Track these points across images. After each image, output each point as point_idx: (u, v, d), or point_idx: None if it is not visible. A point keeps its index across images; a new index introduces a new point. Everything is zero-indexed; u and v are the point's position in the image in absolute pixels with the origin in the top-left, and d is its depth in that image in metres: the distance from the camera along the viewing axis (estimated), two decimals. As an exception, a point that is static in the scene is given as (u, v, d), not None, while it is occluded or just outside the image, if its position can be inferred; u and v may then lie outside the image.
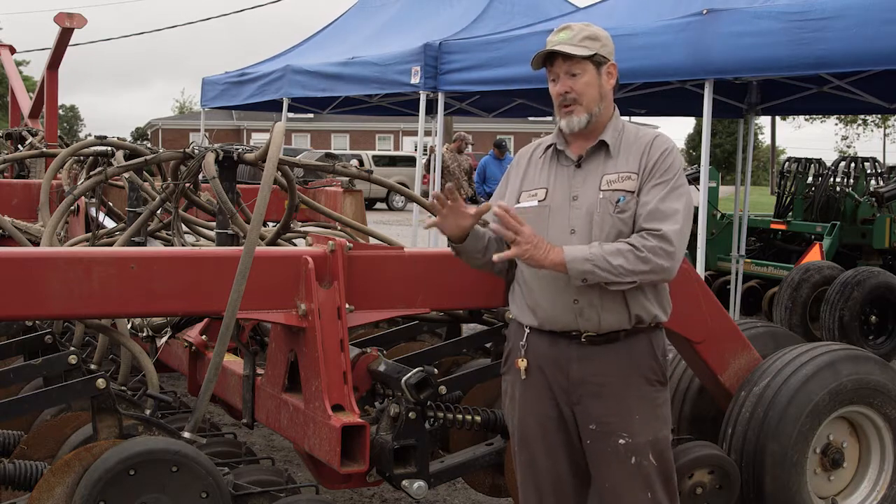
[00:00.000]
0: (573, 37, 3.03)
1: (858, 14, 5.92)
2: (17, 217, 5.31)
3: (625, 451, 3.00)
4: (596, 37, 3.05)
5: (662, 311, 3.09)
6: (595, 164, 3.04)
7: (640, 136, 3.06)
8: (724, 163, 47.92)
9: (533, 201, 3.07)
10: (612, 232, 2.94)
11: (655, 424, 3.04)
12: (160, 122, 57.56)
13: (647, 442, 3.01)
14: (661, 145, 3.02)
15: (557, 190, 3.05)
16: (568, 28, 3.07)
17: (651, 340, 3.05)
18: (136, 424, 3.39)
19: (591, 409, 3.02)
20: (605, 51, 3.05)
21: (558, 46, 3.02)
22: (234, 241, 4.21)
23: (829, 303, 8.77)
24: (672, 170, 2.98)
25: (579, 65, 3.01)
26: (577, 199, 3.00)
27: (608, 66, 3.06)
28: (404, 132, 52.62)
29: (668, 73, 7.44)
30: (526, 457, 3.16)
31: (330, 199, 6.47)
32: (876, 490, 4.32)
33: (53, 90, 8.60)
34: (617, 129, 3.08)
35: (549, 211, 3.03)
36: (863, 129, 50.64)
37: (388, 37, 11.32)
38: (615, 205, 2.95)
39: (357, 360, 3.70)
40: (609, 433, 3.00)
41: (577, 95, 3.02)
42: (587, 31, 3.05)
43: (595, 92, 3.03)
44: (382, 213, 27.57)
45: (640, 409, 3.01)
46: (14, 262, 3.24)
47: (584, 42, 3.02)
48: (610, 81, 3.07)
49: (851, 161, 12.01)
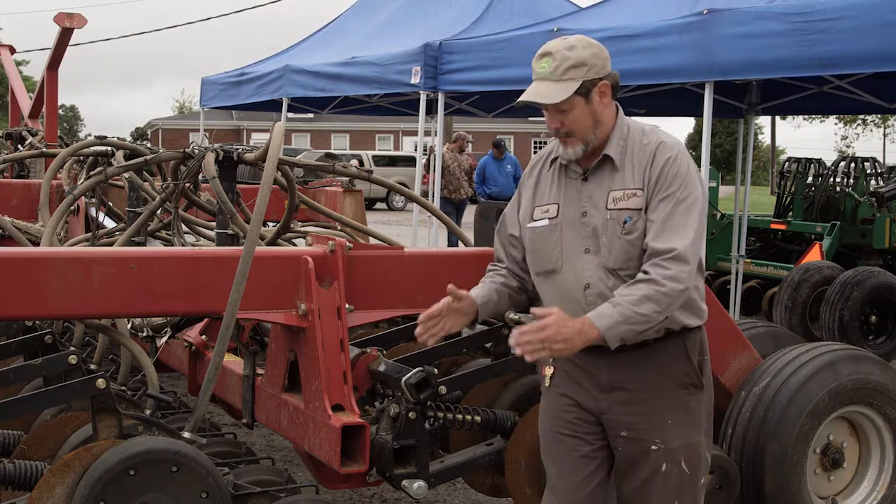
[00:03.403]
0: (555, 69, 2.85)
1: (861, 14, 5.91)
2: (17, 217, 5.31)
3: (656, 458, 2.93)
4: (580, 62, 2.85)
5: (693, 316, 2.96)
6: (601, 178, 2.93)
7: (644, 143, 2.92)
8: (724, 163, 47.95)
9: (545, 219, 2.98)
10: (620, 254, 2.85)
11: (688, 430, 2.96)
12: (160, 122, 57.57)
13: (680, 447, 2.94)
14: (665, 153, 2.88)
15: (568, 206, 2.96)
16: (549, 56, 2.87)
17: (685, 343, 2.95)
18: (136, 424, 3.39)
19: (621, 417, 2.95)
20: (594, 72, 2.87)
21: (539, 92, 2.87)
22: (234, 241, 4.20)
23: (829, 303, 8.77)
24: (678, 178, 2.84)
25: (565, 101, 2.87)
26: (587, 216, 2.91)
27: (600, 87, 2.88)
28: (404, 132, 52.63)
29: (669, 75, 7.43)
30: (548, 464, 3.11)
31: (330, 199, 6.46)
32: (876, 490, 4.32)
33: (53, 90, 8.60)
34: (622, 137, 2.93)
35: (560, 229, 2.95)
36: (863, 129, 50.63)
37: (387, 37, 11.32)
38: (622, 226, 2.85)
39: (357, 360, 3.70)
40: (641, 440, 2.94)
41: (569, 130, 2.91)
42: (570, 58, 2.85)
43: (588, 121, 2.89)
44: (382, 213, 27.57)
45: (673, 415, 2.93)
46: (14, 262, 3.24)
47: (568, 73, 2.85)
48: (604, 100, 2.90)
49: (851, 161, 12.01)
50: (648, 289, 2.74)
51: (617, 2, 8.55)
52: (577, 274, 2.92)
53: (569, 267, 2.94)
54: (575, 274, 2.92)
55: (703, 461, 3.03)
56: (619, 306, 2.73)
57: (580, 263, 2.91)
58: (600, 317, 2.73)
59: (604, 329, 2.72)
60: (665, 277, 2.74)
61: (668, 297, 2.75)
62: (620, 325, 2.72)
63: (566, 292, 2.94)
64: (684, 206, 2.82)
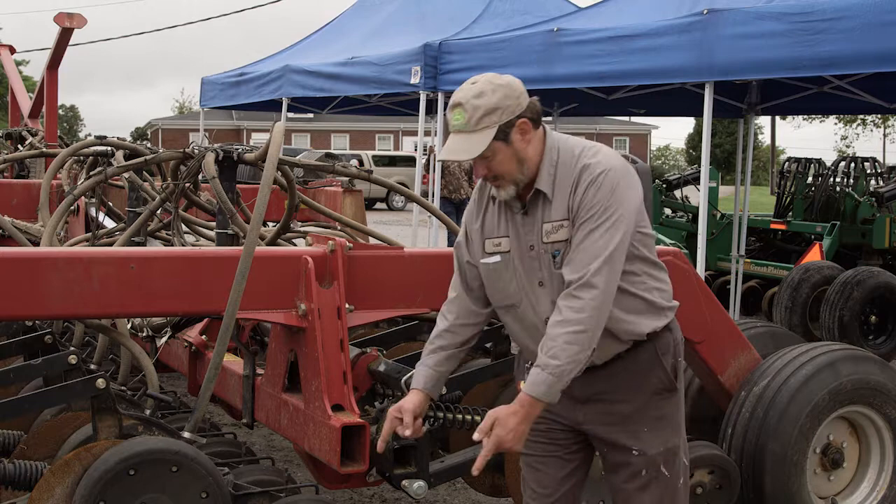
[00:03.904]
0: (468, 121, 2.77)
1: (861, 15, 5.91)
2: (17, 217, 5.32)
3: (637, 464, 2.94)
4: (491, 109, 2.76)
5: (656, 317, 2.94)
6: (536, 211, 2.88)
7: (571, 167, 2.83)
8: (724, 163, 47.94)
9: (497, 255, 2.94)
10: (559, 288, 2.81)
11: (665, 434, 2.97)
12: (160, 122, 57.57)
13: (659, 454, 2.95)
14: (586, 179, 2.79)
15: (515, 239, 2.92)
16: (460, 107, 2.79)
17: (656, 348, 2.94)
18: (136, 424, 3.40)
19: (598, 428, 2.96)
20: (508, 113, 2.78)
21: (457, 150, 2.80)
22: (234, 241, 4.21)
23: (829, 303, 8.77)
24: (598, 203, 2.76)
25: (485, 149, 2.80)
26: (533, 250, 2.88)
27: (518, 126, 2.79)
28: (404, 132, 52.62)
29: (669, 75, 7.43)
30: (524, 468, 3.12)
31: (330, 199, 6.47)
32: (876, 490, 4.32)
33: (53, 90, 8.61)
34: (552, 165, 2.85)
35: (513, 263, 2.92)
36: (863, 129, 50.64)
37: (387, 37, 11.32)
38: (554, 260, 2.83)
39: (357, 360, 3.70)
40: (621, 447, 2.95)
41: (496, 174, 2.85)
42: (481, 107, 2.76)
43: (512, 164, 2.81)
44: (382, 213, 27.57)
45: (648, 421, 2.94)
46: (14, 262, 3.24)
47: (482, 123, 2.76)
48: (526, 137, 2.81)
49: (851, 161, 12.02)
50: (565, 334, 2.70)
51: (617, 2, 8.55)
52: (535, 307, 2.89)
53: (527, 301, 2.90)
54: (533, 307, 2.89)
55: (682, 462, 3.03)
56: (546, 368, 2.70)
57: (536, 297, 2.88)
58: (535, 386, 2.71)
59: (542, 395, 2.71)
60: (576, 311, 2.70)
61: (585, 334, 2.70)
62: (556, 384, 2.71)
63: (529, 324, 2.92)
64: (602, 230, 2.75)
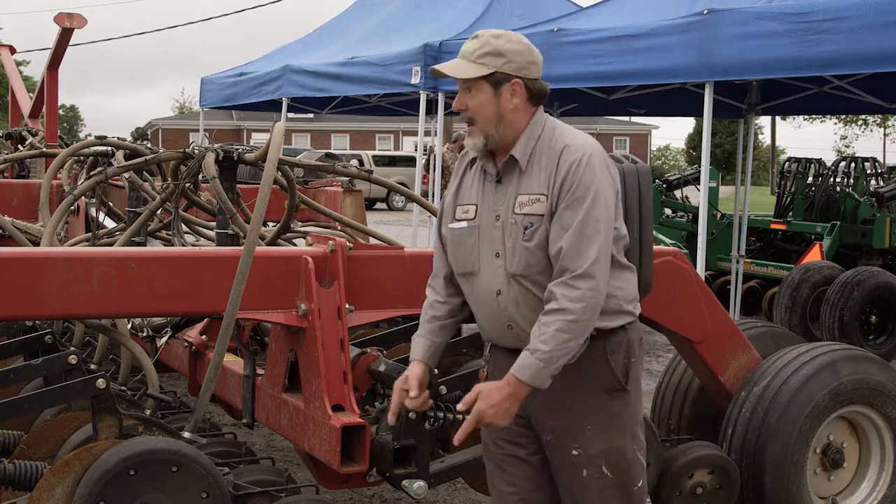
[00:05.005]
0: (474, 51, 2.84)
1: (861, 14, 5.91)
2: (17, 217, 5.31)
3: (577, 463, 2.91)
4: (499, 52, 2.82)
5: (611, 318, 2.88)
6: (510, 181, 2.89)
7: (552, 146, 2.84)
8: (724, 163, 47.95)
9: (464, 221, 2.95)
10: (521, 261, 2.82)
11: (609, 435, 2.91)
12: (160, 122, 57.58)
13: (600, 453, 2.90)
14: (569, 157, 2.79)
15: (485, 208, 2.92)
16: (475, 38, 2.87)
17: (605, 347, 2.89)
18: (136, 424, 3.40)
19: (544, 421, 2.94)
20: (511, 67, 2.82)
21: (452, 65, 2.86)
22: (234, 241, 4.21)
23: (829, 303, 8.77)
24: (581, 185, 2.76)
25: (475, 83, 2.83)
26: (498, 220, 2.88)
27: (511, 84, 2.82)
28: (404, 132, 52.64)
29: (669, 75, 7.43)
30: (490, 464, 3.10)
31: (330, 199, 6.46)
32: (876, 490, 4.32)
33: (53, 90, 8.61)
34: (532, 139, 2.86)
35: (478, 231, 2.92)
36: (863, 129, 50.65)
37: (387, 37, 11.33)
38: (524, 232, 2.82)
39: (357, 360, 3.70)
40: (561, 444, 2.92)
41: (472, 115, 2.87)
42: (491, 45, 2.83)
43: (490, 112, 2.84)
44: (382, 213, 27.57)
45: (593, 419, 2.90)
46: (14, 262, 3.24)
47: (484, 59, 2.82)
48: (514, 99, 2.84)
49: (851, 161, 12.02)
50: (559, 321, 2.71)
51: (617, 2, 8.55)
52: (490, 280, 2.89)
53: (484, 271, 2.90)
54: (488, 279, 2.89)
55: (631, 464, 2.96)
56: (536, 352, 2.71)
57: (492, 269, 2.88)
58: (523, 369, 2.72)
59: (529, 380, 2.72)
60: (573, 301, 2.71)
61: (578, 323, 2.72)
62: (544, 370, 2.72)
63: (482, 296, 2.92)
64: (593, 217, 2.75)
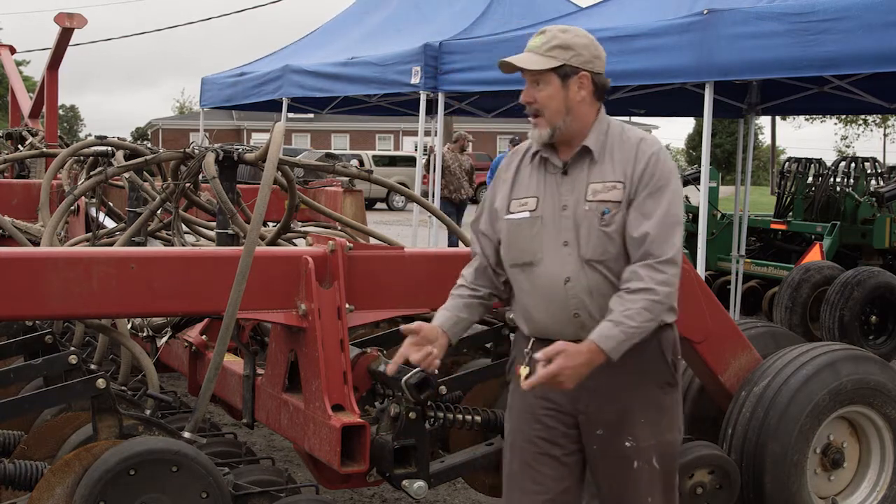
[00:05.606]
0: (543, 45, 2.92)
1: (861, 14, 5.91)
2: (17, 217, 5.31)
3: (629, 455, 2.96)
4: (568, 45, 2.91)
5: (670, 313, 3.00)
6: (580, 171, 2.96)
7: (625, 138, 2.96)
8: (724, 163, 47.93)
9: (524, 212, 3.00)
10: (597, 246, 2.88)
11: (660, 428, 3.00)
12: (160, 122, 57.56)
13: (652, 446, 2.97)
14: (648, 150, 2.92)
15: (547, 199, 2.98)
16: (542, 33, 2.96)
17: (660, 341, 2.98)
18: (136, 424, 3.40)
19: (596, 415, 2.97)
20: (579, 60, 2.91)
21: (521, 58, 2.93)
22: (234, 241, 4.21)
23: (829, 303, 8.77)
24: (662, 176, 2.89)
25: (543, 76, 2.92)
26: (567, 209, 2.94)
27: (579, 77, 2.92)
28: (404, 132, 52.61)
29: (669, 75, 7.42)
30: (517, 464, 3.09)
31: (330, 199, 6.46)
32: (876, 490, 4.33)
33: (53, 90, 8.61)
34: (601, 132, 2.97)
35: (541, 222, 2.97)
36: (863, 129, 50.64)
37: (387, 37, 11.32)
38: (601, 217, 2.88)
39: (357, 360, 3.70)
40: (614, 436, 2.97)
41: (539, 107, 2.94)
42: (560, 38, 2.92)
43: (558, 105, 2.92)
44: (382, 213, 27.57)
45: (646, 412, 2.97)
46: (14, 262, 3.24)
47: (553, 52, 2.90)
48: (580, 92, 2.93)
49: (851, 161, 12.01)
50: (645, 300, 2.79)
51: (617, 2, 8.55)
52: (557, 268, 2.93)
53: (548, 260, 2.94)
54: (554, 268, 2.93)
55: (675, 459, 3.07)
56: (620, 325, 2.77)
57: (559, 257, 2.92)
58: (606, 339, 2.77)
59: (610, 350, 2.77)
60: (659, 283, 2.81)
61: (661, 305, 2.83)
62: (623, 343, 2.78)
63: (545, 286, 2.95)
64: (674, 207, 2.88)
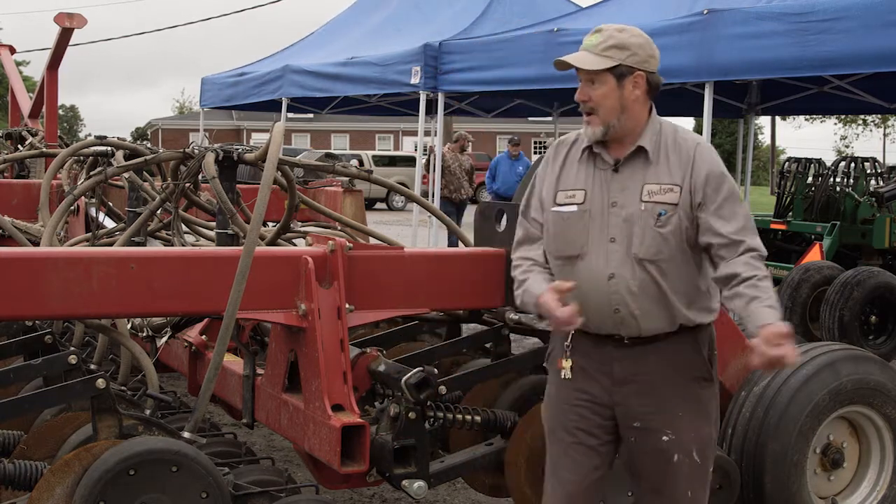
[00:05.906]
0: (599, 44, 2.97)
1: (861, 14, 5.92)
2: (17, 217, 5.31)
3: (668, 449, 2.99)
4: (624, 45, 2.97)
5: (707, 313, 3.06)
6: (634, 171, 2.99)
7: (679, 140, 3.01)
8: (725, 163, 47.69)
9: (572, 205, 3.02)
10: (651, 246, 2.92)
11: (699, 422, 3.03)
12: (160, 122, 57.57)
13: (691, 439, 3.00)
14: (707, 156, 3.00)
15: (596, 194, 3.01)
16: (598, 32, 3.01)
17: (697, 338, 3.02)
18: (136, 424, 3.39)
19: (634, 408, 3.00)
20: (634, 60, 2.98)
21: (577, 57, 2.97)
22: (234, 241, 4.20)
23: (829, 303, 8.77)
24: (729, 183, 2.99)
25: (599, 75, 2.96)
26: (616, 206, 2.97)
27: (634, 77, 2.98)
28: (404, 132, 52.61)
29: (669, 75, 7.41)
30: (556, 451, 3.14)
31: (330, 199, 6.46)
32: (876, 490, 4.32)
33: (53, 90, 8.60)
34: (655, 132, 3.02)
35: (588, 216, 2.99)
36: (863, 129, 50.63)
37: (387, 37, 11.33)
38: (657, 218, 2.92)
39: (357, 360, 3.70)
40: (653, 430, 2.99)
41: (594, 106, 2.98)
42: (616, 38, 2.98)
43: (613, 103, 2.97)
44: (382, 213, 27.56)
45: (685, 406, 3.00)
46: (14, 262, 3.24)
47: (609, 51, 2.96)
48: (636, 91, 2.99)
49: (851, 161, 12.01)
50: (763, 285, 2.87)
51: (617, 2, 8.56)
52: (601, 263, 2.97)
53: (593, 255, 2.98)
54: (598, 263, 2.97)
55: (713, 452, 3.10)
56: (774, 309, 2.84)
57: (605, 252, 2.96)
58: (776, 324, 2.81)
59: None
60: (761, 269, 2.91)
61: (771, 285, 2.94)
62: None
63: (588, 280, 2.98)
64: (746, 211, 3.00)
